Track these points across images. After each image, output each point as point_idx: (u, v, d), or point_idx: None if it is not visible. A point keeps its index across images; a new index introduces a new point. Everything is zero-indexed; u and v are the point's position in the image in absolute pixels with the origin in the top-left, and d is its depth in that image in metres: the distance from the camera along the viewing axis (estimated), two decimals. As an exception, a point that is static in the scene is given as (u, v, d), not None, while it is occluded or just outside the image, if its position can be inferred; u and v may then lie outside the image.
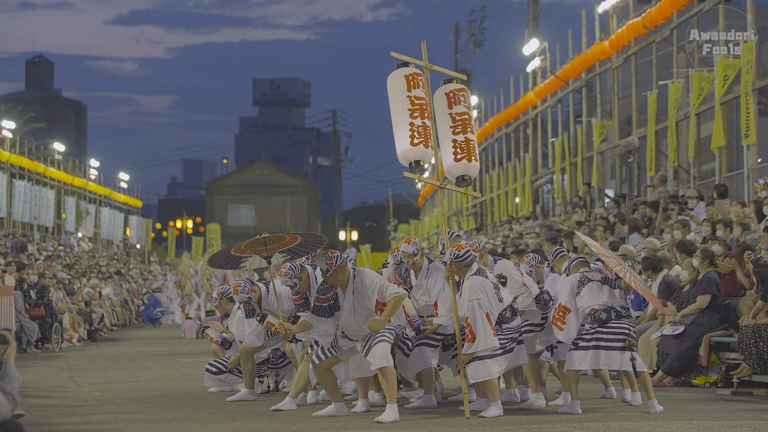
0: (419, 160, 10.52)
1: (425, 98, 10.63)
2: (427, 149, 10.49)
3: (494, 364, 9.78)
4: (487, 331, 9.66)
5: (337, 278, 9.80)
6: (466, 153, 10.68)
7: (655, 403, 9.85)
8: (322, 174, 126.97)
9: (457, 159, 10.68)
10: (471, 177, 10.79)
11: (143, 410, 10.71)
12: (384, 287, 9.74)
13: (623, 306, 10.12)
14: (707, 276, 12.84)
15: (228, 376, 12.43)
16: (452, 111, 10.76)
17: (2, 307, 18.16)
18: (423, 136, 10.47)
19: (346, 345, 9.96)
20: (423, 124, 10.50)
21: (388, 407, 9.44)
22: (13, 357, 5.86)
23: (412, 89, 10.57)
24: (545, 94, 35.89)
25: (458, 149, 10.69)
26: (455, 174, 10.72)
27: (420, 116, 10.51)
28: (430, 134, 10.56)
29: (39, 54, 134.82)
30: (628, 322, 10.04)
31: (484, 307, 9.68)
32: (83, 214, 52.89)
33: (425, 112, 10.56)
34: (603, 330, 9.97)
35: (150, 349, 22.18)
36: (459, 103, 10.79)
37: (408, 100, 10.54)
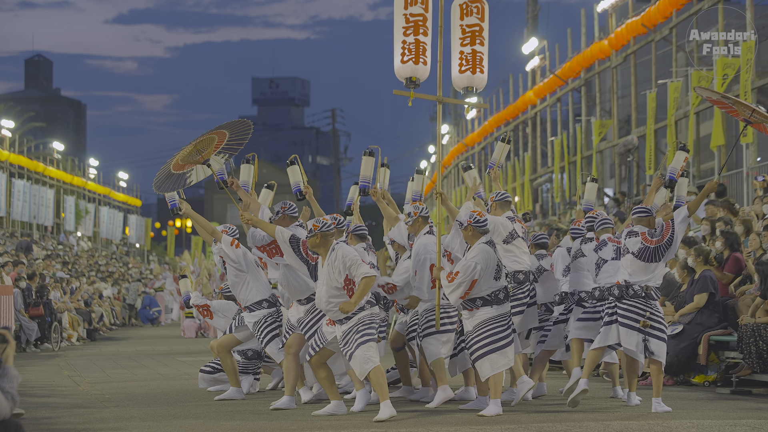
0: (411, 77, 10.59)
1: (422, 14, 10.63)
2: (418, 65, 10.57)
3: (500, 358, 9.75)
4: (459, 291, 9.72)
5: (316, 243, 9.70)
6: (471, 65, 10.78)
7: (658, 401, 9.82)
8: (321, 173, 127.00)
9: (461, 71, 10.83)
10: (476, 89, 10.89)
11: (142, 409, 10.70)
12: (356, 265, 9.57)
13: (647, 285, 9.92)
14: (703, 275, 12.84)
15: (221, 375, 12.37)
16: (463, 22, 10.87)
17: (1, 306, 18.15)
18: (413, 52, 10.55)
19: (330, 334, 9.87)
20: (415, 41, 10.58)
21: (382, 405, 9.41)
22: (12, 356, 5.85)
23: (409, 6, 10.63)
24: (544, 93, 35.90)
25: (464, 61, 10.82)
26: (460, 86, 10.92)
27: (413, 33, 10.58)
28: (424, 50, 10.60)
29: (38, 53, 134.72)
30: (645, 302, 9.92)
31: (478, 273, 9.70)
32: (82, 213, 52.90)
33: (420, 29, 10.59)
34: (619, 305, 9.96)
35: (149, 348, 22.18)
36: (471, 14, 10.87)
37: (403, 17, 10.62)
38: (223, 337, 11.73)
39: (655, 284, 9.99)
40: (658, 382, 9.92)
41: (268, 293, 11.22)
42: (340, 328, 9.72)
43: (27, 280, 21.91)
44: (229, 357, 11.60)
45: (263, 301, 11.16)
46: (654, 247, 9.94)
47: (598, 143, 30.51)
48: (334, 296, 9.66)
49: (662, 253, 9.95)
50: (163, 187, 11.20)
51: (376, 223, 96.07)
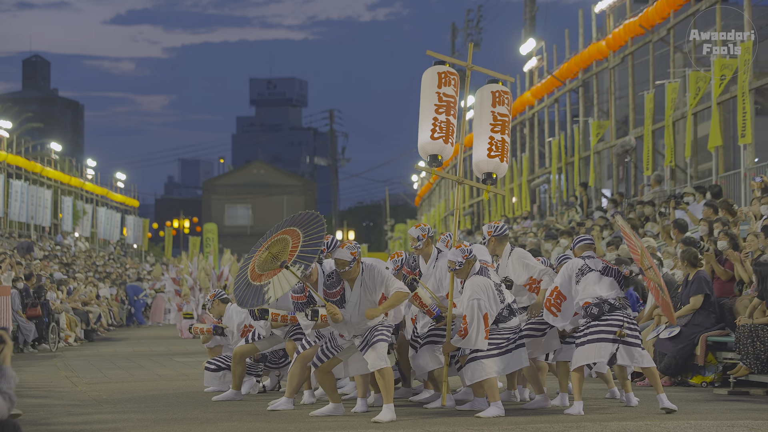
0: (437, 155, 10.78)
1: (454, 97, 10.92)
2: (446, 145, 10.78)
3: (492, 364, 9.80)
4: (481, 332, 9.75)
5: (353, 272, 9.70)
6: (500, 152, 10.98)
7: (663, 398, 9.79)
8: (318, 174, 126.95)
9: (490, 156, 10.98)
10: (498, 176, 11.06)
11: (140, 410, 10.70)
12: (390, 281, 9.72)
13: (618, 297, 9.99)
14: (698, 276, 12.84)
15: (226, 374, 12.38)
16: (495, 110, 11.06)
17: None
18: (444, 131, 10.78)
19: (345, 344, 9.94)
20: (447, 121, 10.81)
21: (385, 407, 9.44)
22: (9, 357, 5.85)
23: (443, 86, 10.87)
24: (542, 93, 35.90)
25: (494, 147, 10.99)
26: (485, 170, 10.99)
27: (446, 113, 10.82)
28: (453, 131, 10.84)
29: (36, 54, 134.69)
30: (622, 314, 9.92)
31: (483, 308, 9.73)
32: (80, 213, 52.89)
33: (451, 110, 10.84)
34: (595, 324, 9.94)
35: (147, 348, 22.16)
36: (503, 104, 11.11)
37: (436, 95, 10.84)
38: (244, 346, 11.75)
39: (621, 295, 10.06)
40: (657, 383, 9.91)
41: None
42: (356, 339, 9.83)
43: (24, 281, 21.89)
44: (242, 364, 11.71)
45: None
46: (613, 269, 10.07)
47: (595, 144, 30.51)
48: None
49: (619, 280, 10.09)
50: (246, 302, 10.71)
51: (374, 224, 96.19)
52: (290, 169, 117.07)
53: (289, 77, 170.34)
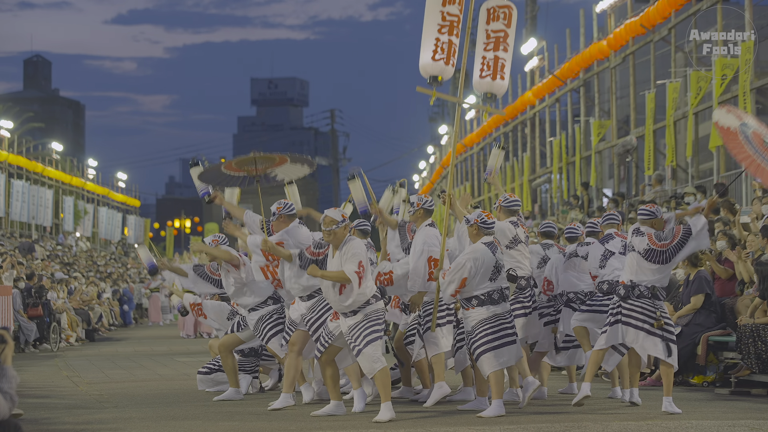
0: (437, 76, 10.60)
1: (458, 15, 10.63)
2: (447, 66, 10.58)
3: (492, 358, 9.73)
4: (451, 288, 9.72)
5: (336, 237, 9.62)
6: (492, 71, 10.79)
7: (669, 401, 9.76)
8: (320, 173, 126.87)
9: (482, 76, 10.86)
10: (495, 95, 10.91)
11: (141, 410, 10.70)
12: (351, 260, 9.49)
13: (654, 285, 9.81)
14: (699, 275, 12.84)
15: (218, 375, 12.37)
16: (488, 27, 10.90)
17: (0, 306, 18.15)
18: (446, 52, 10.56)
19: (336, 329, 9.84)
20: (449, 41, 10.58)
21: (383, 406, 9.40)
22: (10, 356, 5.85)
23: (447, 4, 10.62)
24: (543, 93, 35.90)
25: (485, 66, 10.84)
26: (480, 90, 10.89)
27: (448, 33, 10.59)
28: (455, 51, 10.61)
29: (37, 53, 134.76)
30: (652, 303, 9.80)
31: (466, 272, 9.69)
32: (81, 213, 52.91)
33: (454, 29, 10.60)
34: (624, 305, 9.89)
35: (148, 348, 22.17)
36: (497, 19, 10.88)
37: (440, 14, 10.61)
38: (225, 337, 11.71)
39: (661, 285, 9.90)
40: (669, 383, 9.84)
41: (271, 290, 11.17)
42: (346, 322, 9.66)
43: (26, 281, 21.90)
44: (230, 357, 11.58)
45: (268, 299, 11.16)
46: (660, 250, 9.81)
47: (596, 144, 30.51)
48: (348, 295, 9.60)
49: (669, 257, 9.80)
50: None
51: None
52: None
53: (291, 77, 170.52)
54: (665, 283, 9.98)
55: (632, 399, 10.38)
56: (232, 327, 11.71)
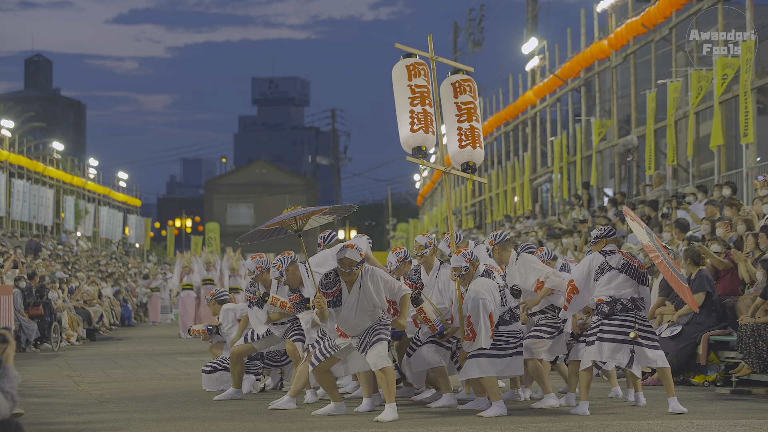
0: (421, 146, 10.72)
1: (426, 86, 10.85)
2: (428, 134, 10.72)
3: (488, 365, 9.79)
4: (488, 331, 9.78)
5: (356, 275, 9.63)
6: (471, 140, 10.97)
7: (674, 401, 9.75)
8: (320, 173, 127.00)
9: (461, 146, 10.98)
10: (476, 164, 11.04)
11: (142, 409, 10.70)
12: (394, 285, 9.73)
13: (633, 297, 9.91)
14: (699, 274, 12.84)
15: (223, 375, 12.40)
16: (457, 100, 11.08)
17: (1, 306, 18.15)
18: (423, 122, 10.71)
19: (343, 344, 9.93)
20: (423, 111, 10.74)
21: (387, 407, 9.43)
22: (12, 356, 5.85)
23: (413, 78, 10.82)
24: (544, 93, 35.89)
25: (463, 136, 10.99)
26: (460, 161, 11.01)
27: (420, 103, 10.75)
28: (432, 120, 10.78)
29: (38, 53, 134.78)
30: (633, 315, 9.86)
31: (488, 308, 9.74)
32: (82, 213, 52.91)
33: (426, 99, 10.79)
34: (606, 322, 9.92)
35: (149, 348, 22.17)
36: (465, 92, 11.11)
37: (409, 88, 10.79)
38: (241, 345, 11.77)
39: (639, 296, 9.98)
40: (669, 384, 9.84)
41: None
42: (356, 339, 9.81)
43: (27, 280, 21.91)
44: (240, 363, 11.72)
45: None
46: (634, 266, 9.98)
47: (597, 143, 30.50)
48: (364, 319, 9.70)
49: (641, 278, 10.00)
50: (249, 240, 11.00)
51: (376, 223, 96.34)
52: (292, 168, 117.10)
53: (292, 76, 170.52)
54: (643, 293, 10.06)
55: (637, 402, 10.38)
56: (248, 335, 11.77)
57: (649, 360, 9.88)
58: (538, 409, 10.21)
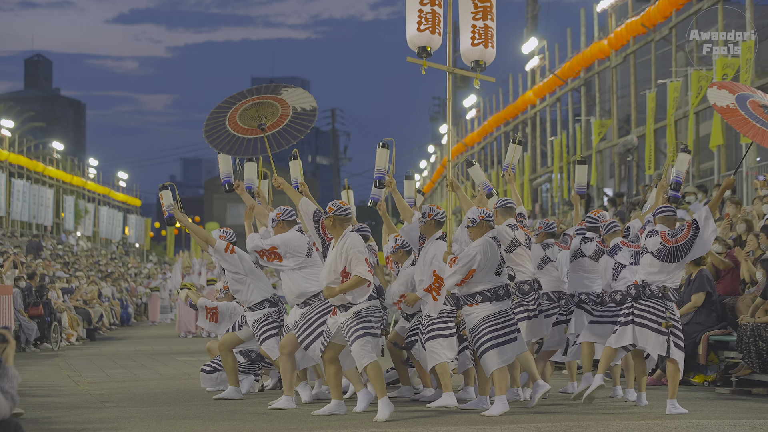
0: (425, 46, 10.66)
1: None
2: (434, 35, 10.65)
3: (495, 356, 9.72)
4: (456, 277, 9.74)
5: (330, 226, 9.72)
6: (484, 39, 10.89)
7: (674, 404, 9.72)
8: (320, 173, 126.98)
9: (474, 44, 10.90)
10: (486, 63, 10.97)
11: (142, 409, 10.70)
12: (355, 260, 9.53)
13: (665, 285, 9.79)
14: (700, 274, 12.84)
15: (221, 375, 12.38)
16: None
17: (1, 305, 18.15)
18: (430, 22, 10.63)
19: (333, 326, 9.84)
20: (432, 11, 10.65)
21: (380, 402, 9.37)
22: (12, 356, 5.85)
23: None
24: (544, 92, 35.89)
25: (476, 34, 10.90)
26: (471, 58, 10.98)
27: (430, 3, 10.64)
28: (439, 21, 10.68)
29: (38, 53, 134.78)
30: (663, 303, 9.77)
31: (475, 263, 9.72)
32: (82, 213, 52.91)
33: (435, 0, 10.64)
34: (636, 306, 9.87)
35: (149, 347, 22.18)
36: None
37: None
38: (225, 336, 11.73)
39: (672, 285, 9.86)
40: (674, 384, 9.80)
41: (269, 293, 11.23)
42: (341, 317, 9.71)
43: (27, 280, 21.91)
44: (230, 356, 11.60)
45: (264, 300, 11.18)
46: (672, 247, 9.78)
47: (597, 143, 30.50)
48: (332, 282, 9.65)
49: (681, 254, 9.78)
50: (219, 143, 11.11)
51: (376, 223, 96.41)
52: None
53: (292, 76, 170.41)
54: (677, 283, 9.94)
55: (639, 402, 10.37)
56: (233, 326, 11.75)
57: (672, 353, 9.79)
58: (538, 409, 10.20)
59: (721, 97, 10.00)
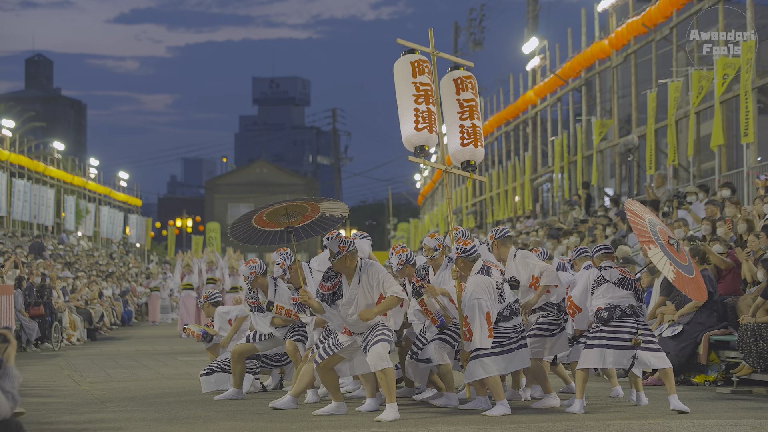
0: (424, 145, 10.68)
1: (430, 84, 10.79)
2: (432, 134, 10.68)
3: (492, 363, 9.79)
4: (484, 331, 9.76)
5: (344, 264, 9.66)
6: (473, 138, 10.95)
7: (675, 399, 9.73)
8: (321, 173, 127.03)
9: (464, 144, 10.94)
10: (476, 162, 11.01)
11: (143, 409, 10.71)
12: (388, 282, 9.66)
13: (631, 304, 9.92)
14: (702, 274, 12.81)
15: (220, 376, 12.38)
16: (459, 97, 11.01)
17: (2, 305, 18.15)
18: (427, 121, 10.66)
19: (347, 341, 9.90)
20: (428, 110, 10.68)
21: (388, 406, 9.43)
22: (13, 356, 5.86)
23: (418, 75, 10.72)
24: (545, 92, 35.88)
25: (465, 135, 10.96)
26: (461, 159, 10.98)
27: (425, 102, 10.68)
28: (435, 120, 10.72)
29: (39, 53, 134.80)
30: (635, 321, 9.87)
31: (485, 308, 9.72)
32: (83, 213, 52.89)
33: (430, 98, 10.73)
34: (604, 329, 9.91)
35: (150, 347, 22.18)
36: (466, 89, 11.04)
37: (413, 86, 10.70)
38: (243, 345, 11.78)
39: (638, 303, 9.99)
40: (671, 384, 9.83)
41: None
42: (359, 336, 9.80)
43: (28, 280, 21.91)
44: (241, 363, 11.71)
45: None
46: (630, 280, 10.00)
47: (598, 143, 30.49)
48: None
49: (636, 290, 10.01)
50: (237, 233, 11.11)
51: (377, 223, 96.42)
52: (293, 168, 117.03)
53: (292, 76, 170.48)
54: (640, 301, 10.08)
55: (639, 402, 10.38)
56: (249, 337, 11.77)
57: (651, 363, 9.89)
58: (539, 409, 10.21)
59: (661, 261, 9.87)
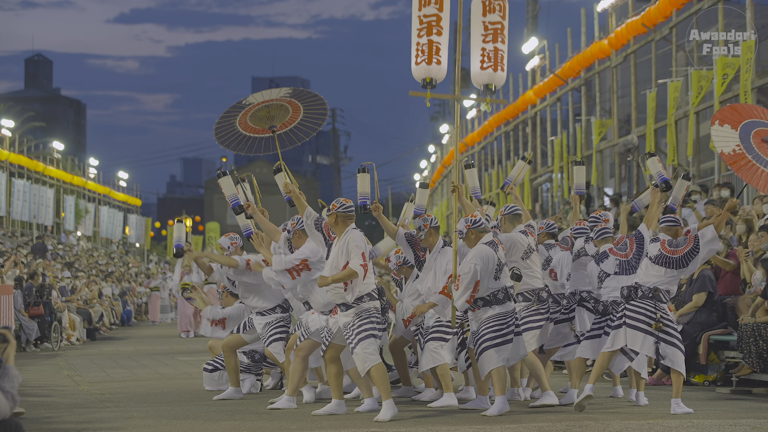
0: (426, 78, 10.59)
1: (436, 14, 10.62)
2: (431, 66, 10.57)
3: (495, 355, 9.71)
4: (466, 295, 9.71)
5: (332, 222, 9.74)
6: (493, 62, 10.82)
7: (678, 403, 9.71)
8: (321, 173, 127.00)
9: (483, 67, 10.85)
10: (495, 86, 10.91)
11: (142, 409, 10.70)
12: (353, 253, 9.55)
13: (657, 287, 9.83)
14: (702, 274, 12.84)
15: (223, 374, 12.38)
16: (485, 19, 10.89)
17: (2, 305, 18.15)
18: (426, 54, 10.56)
19: (334, 325, 9.85)
20: (428, 42, 10.58)
21: (384, 404, 9.39)
22: (12, 356, 5.85)
23: (422, 7, 10.64)
24: (544, 92, 35.87)
25: (485, 58, 10.85)
26: (480, 82, 10.91)
27: (426, 34, 10.60)
28: (438, 49, 10.60)
29: (38, 52, 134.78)
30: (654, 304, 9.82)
31: (477, 275, 9.70)
32: (82, 212, 52.93)
33: (433, 29, 10.60)
34: (629, 307, 9.87)
35: (149, 347, 22.18)
36: (494, 11, 10.89)
37: (417, 19, 10.63)
38: (229, 337, 11.74)
39: (665, 288, 9.86)
40: (678, 386, 9.79)
41: (282, 299, 11.27)
42: (342, 318, 9.69)
43: (28, 280, 21.91)
44: (233, 356, 11.63)
45: (277, 306, 11.30)
46: (670, 257, 9.87)
47: (598, 143, 30.49)
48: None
49: (677, 265, 9.85)
50: (227, 142, 11.16)
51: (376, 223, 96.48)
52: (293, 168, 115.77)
53: (292, 76, 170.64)
54: (672, 287, 9.95)
55: (639, 402, 10.37)
56: (238, 328, 11.74)
57: (662, 356, 9.80)
58: (539, 409, 10.20)
59: (725, 138, 9.90)
